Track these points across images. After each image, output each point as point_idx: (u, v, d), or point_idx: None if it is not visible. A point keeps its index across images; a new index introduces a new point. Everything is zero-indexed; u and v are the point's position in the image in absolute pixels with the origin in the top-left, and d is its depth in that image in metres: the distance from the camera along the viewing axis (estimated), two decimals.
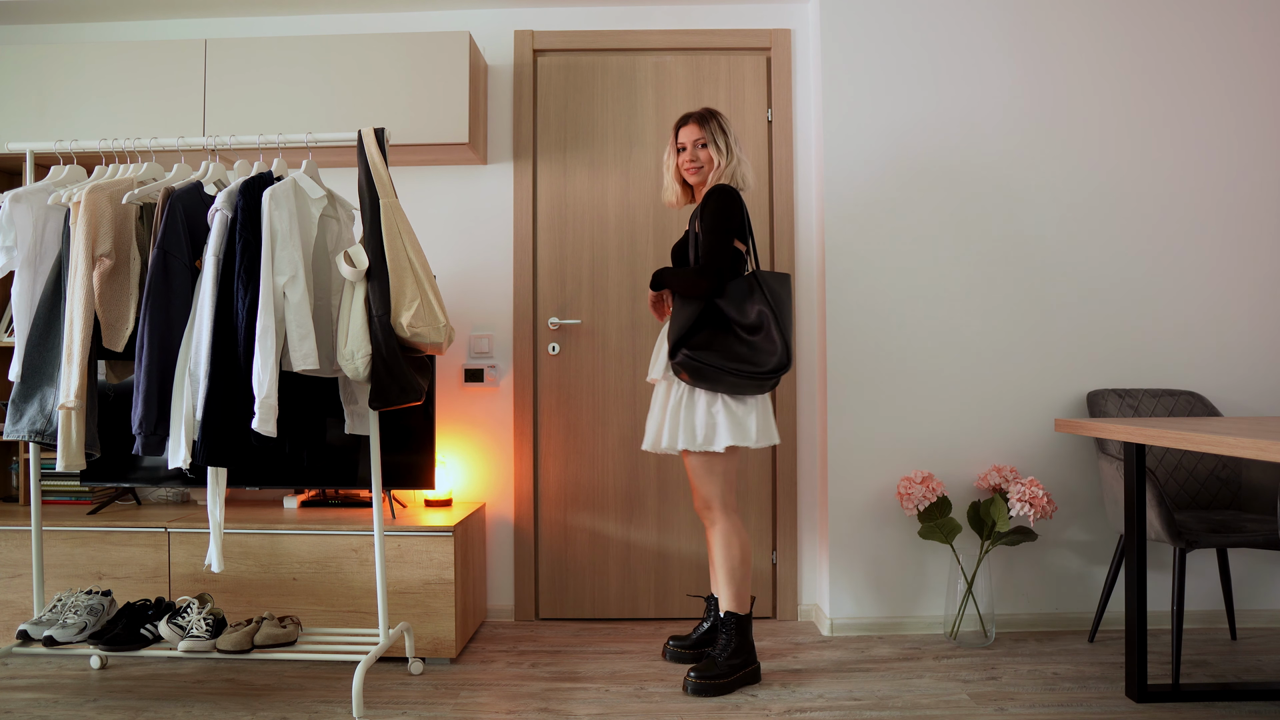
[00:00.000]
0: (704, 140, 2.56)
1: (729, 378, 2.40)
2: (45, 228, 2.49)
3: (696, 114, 2.59)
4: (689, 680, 2.49)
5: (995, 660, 2.76)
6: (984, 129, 3.08)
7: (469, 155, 3.12)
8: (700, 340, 2.43)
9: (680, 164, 2.61)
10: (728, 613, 2.55)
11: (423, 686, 2.57)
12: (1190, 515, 2.75)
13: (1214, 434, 1.95)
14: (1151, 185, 3.09)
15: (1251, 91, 3.10)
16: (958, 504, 3.03)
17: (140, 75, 2.99)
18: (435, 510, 3.02)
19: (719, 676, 2.50)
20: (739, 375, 2.39)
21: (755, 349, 2.43)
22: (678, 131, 2.61)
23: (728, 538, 2.53)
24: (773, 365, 2.41)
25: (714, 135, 2.55)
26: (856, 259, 3.08)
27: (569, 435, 3.26)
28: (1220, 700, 2.40)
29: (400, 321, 2.32)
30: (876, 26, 3.09)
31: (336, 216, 2.56)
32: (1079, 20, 3.10)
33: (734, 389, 2.44)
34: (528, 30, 3.28)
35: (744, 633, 2.56)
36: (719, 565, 2.55)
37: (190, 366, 2.28)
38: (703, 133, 2.56)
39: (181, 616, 2.46)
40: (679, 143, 2.61)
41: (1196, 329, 3.09)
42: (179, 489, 3.14)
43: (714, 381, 2.42)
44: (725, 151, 2.55)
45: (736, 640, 2.54)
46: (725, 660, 2.52)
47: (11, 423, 2.40)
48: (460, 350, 3.26)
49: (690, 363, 2.40)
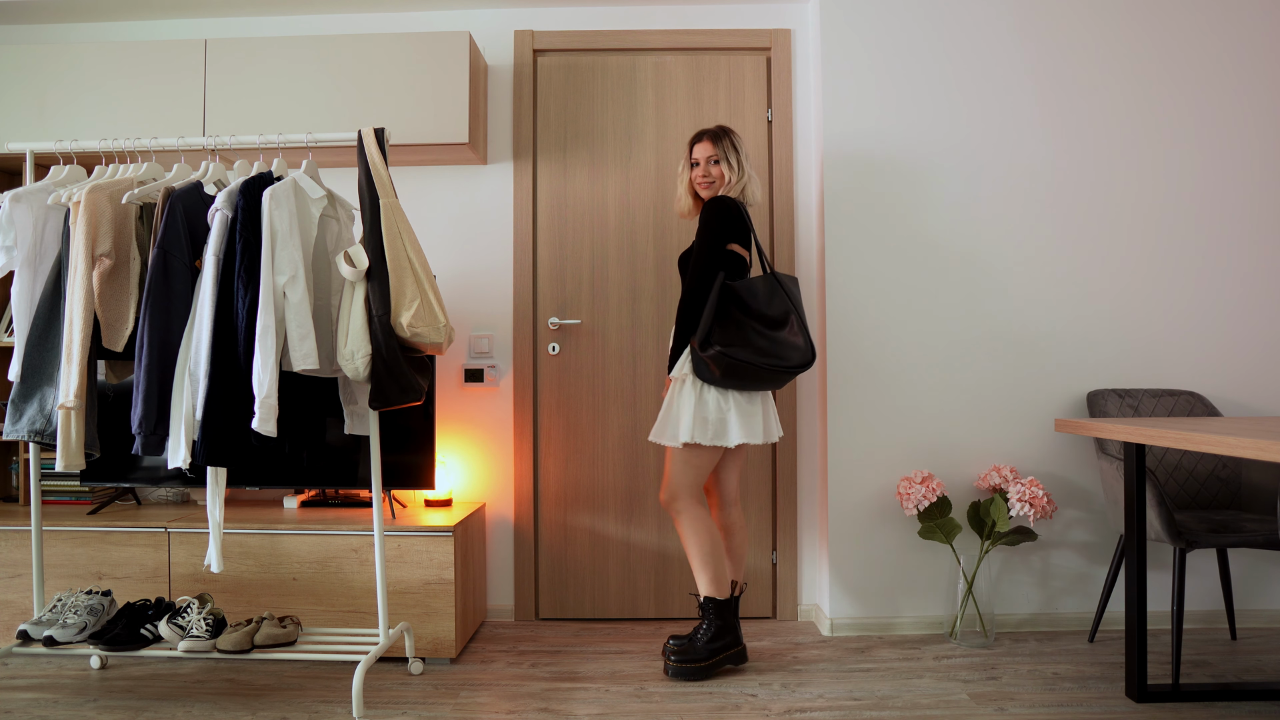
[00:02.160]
0: (716, 157, 2.68)
1: (762, 372, 2.48)
2: (45, 227, 2.49)
3: (711, 131, 2.70)
4: (669, 664, 2.60)
5: (995, 660, 2.76)
6: (984, 128, 3.08)
7: (469, 155, 3.12)
8: (726, 337, 2.50)
9: (693, 178, 2.72)
10: (707, 598, 2.62)
11: (423, 686, 2.57)
12: (1190, 515, 2.75)
13: (1214, 434, 1.95)
14: (1152, 185, 3.09)
15: (1251, 92, 3.10)
16: (958, 504, 3.03)
17: (140, 75, 2.99)
18: (435, 510, 3.02)
19: (697, 659, 2.59)
20: (772, 370, 2.48)
21: (779, 344, 2.52)
22: (692, 147, 2.72)
23: (695, 525, 2.61)
24: (798, 360, 2.52)
25: (726, 152, 2.67)
26: (856, 259, 3.08)
27: (569, 435, 3.26)
28: (1220, 700, 2.40)
29: (400, 321, 2.32)
30: (876, 26, 3.09)
31: (336, 216, 2.56)
32: (1079, 21, 3.10)
33: (756, 385, 2.53)
34: (528, 30, 3.28)
35: (724, 616, 2.64)
36: (693, 553, 2.62)
37: (190, 366, 2.28)
38: (716, 150, 2.68)
39: (181, 616, 2.46)
40: (693, 158, 2.71)
41: (1196, 329, 3.09)
42: (179, 489, 3.14)
43: (743, 377, 2.49)
44: (737, 168, 2.66)
45: (716, 624, 2.63)
46: (705, 644, 2.61)
47: (11, 423, 2.40)
48: (460, 350, 3.26)
49: (724, 358, 2.45)
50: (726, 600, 2.63)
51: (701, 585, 2.63)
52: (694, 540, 2.60)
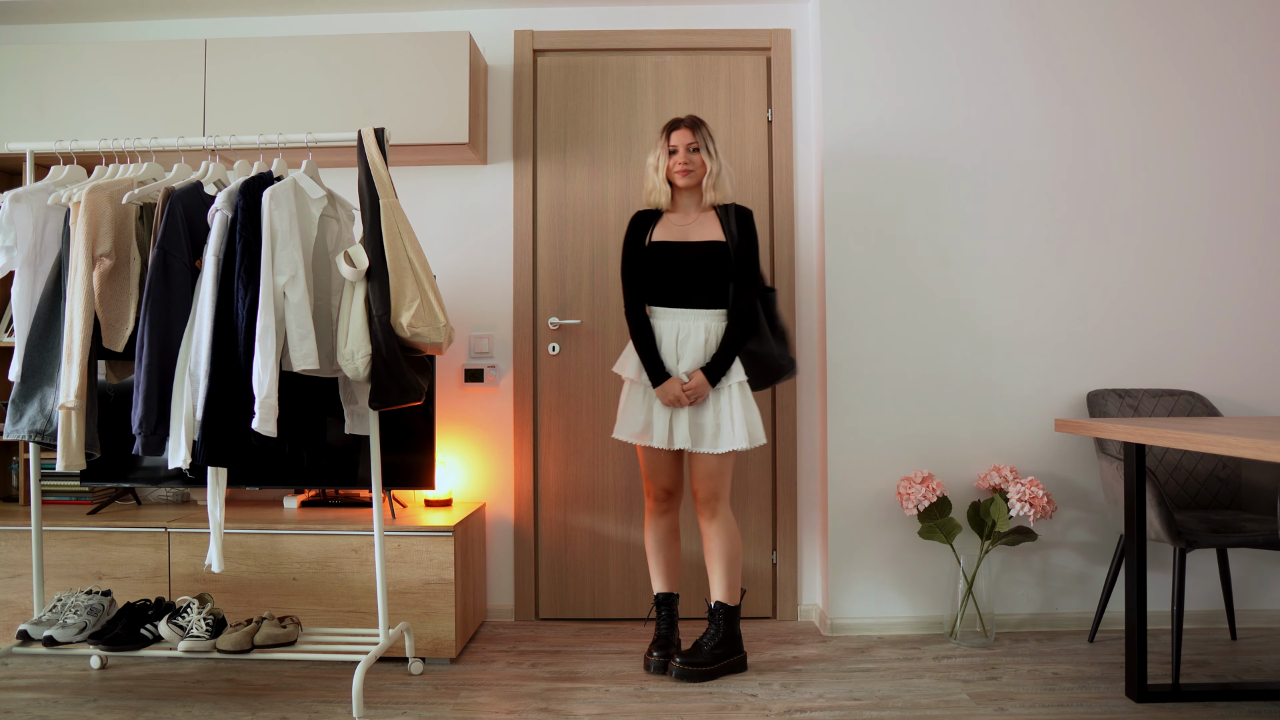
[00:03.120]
0: (696, 145, 2.63)
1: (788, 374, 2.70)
2: (45, 228, 2.49)
3: (687, 120, 2.66)
4: (674, 666, 2.60)
5: (995, 660, 2.76)
6: (984, 129, 3.08)
7: (469, 155, 3.12)
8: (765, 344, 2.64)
9: (671, 165, 2.64)
10: (719, 603, 2.64)
11: (423, 686, 2.57)
12: (1190, 515, 2.75)
13: (1214, 434, 1.95)
14: (1153, 186, 3.09)
15: (1254, 92, 3.09)
16: (958, 504, 3.03)
17: (140, 75, 2.99)
18: (435, 510, 3.02)
19: (703, 664, 2.60)
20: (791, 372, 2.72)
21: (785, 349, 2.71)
22: (669, 135, 2.65)
23: (733, 528, 2.66)
24: (791, 361, 2.72)
25: (705, 141, 2.64)
26: (856, 259, 3.08)
27: (569, 435, 3.26)
28: (1220, 700, 2.40)
29: (400, 321, 2.32)
30: (876, 26, 3.09)
31: (336, 216, 2.56)
32: (1079, 21, 3.10)
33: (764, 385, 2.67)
34: (528, 30, 3.28)
35: (732, 623, 2.66)
36: (722, 556, 2.63)
37: (190, 366, 2.28)
38: (695, 138, 2.63)
39: (181, 616, 2.46)
40: (670, 145, 2.64)
41: (1196, 329, 3.09)
42: (179, 489, 3.14)
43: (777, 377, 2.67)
44: (714, 157, 2.63)
45: (725, 630, 2.64)
46: (711, 649, 2.62)
47: (11, 423, 2.40)
48: (460, 350, 3.26)
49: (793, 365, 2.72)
50: (736, 607, 2.67)
51: (718, 589, 2.65)
52: (730, 544, 2.64)
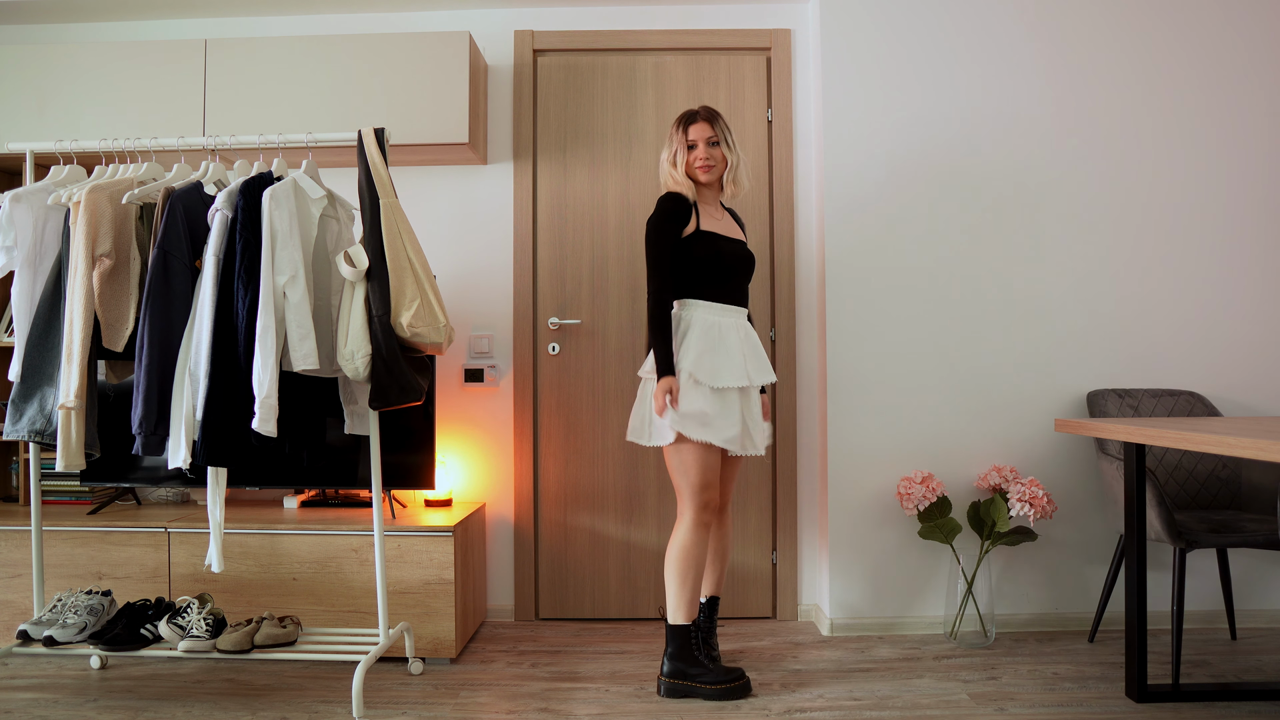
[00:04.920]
0: (715, 138, 2.52)
1: None
2: (45, 228, 2.49)
3: (703, 112, 2.53)
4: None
5: (995, 660, 2.76)
6: (984, 129, 3.08)
7: (469, 155, 3.12)
8: None
9: (691, 161, 2.52)
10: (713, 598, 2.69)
11: (423, 686, 2.57)
12: (1190, 515, 2.75)
13: (1214, 434, 1.95)
14: (1153, 187, 3.09)
15: (1256, 92, 3.09)
16: (958, 504, 3.03)
17: (140, 75, 2.99)
18: (435, 510, 3.02)
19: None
20: None
21: None
22: (686, 129, 2.52)
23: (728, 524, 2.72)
24: None
25: (724, 134, 2.53)
26: (856, 259, 3.08)
27: (569, 435, 3.26)
28: (1220, 700, 2.40)
29: (400, 321, 2.32)
30: (876, 26, 3.09)
31: (336, 216, 2.56)
32: (1079, 20, 3.10)
33: None
34: (528, 30, 3.28)
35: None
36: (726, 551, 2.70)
37: (190, 366, 2.28)
38: (714, 131, 2.52)
39: (181, 616, 2.46)
40: (689, 139, 2.51)
41: (1196, 329, 3.09)
42: (179, 489, 3.14)
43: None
44: (734, 150, 2.54)
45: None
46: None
47: (11, 423, 2.40)
48: (460, 350, 3.26)
49: None
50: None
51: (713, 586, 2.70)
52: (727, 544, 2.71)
